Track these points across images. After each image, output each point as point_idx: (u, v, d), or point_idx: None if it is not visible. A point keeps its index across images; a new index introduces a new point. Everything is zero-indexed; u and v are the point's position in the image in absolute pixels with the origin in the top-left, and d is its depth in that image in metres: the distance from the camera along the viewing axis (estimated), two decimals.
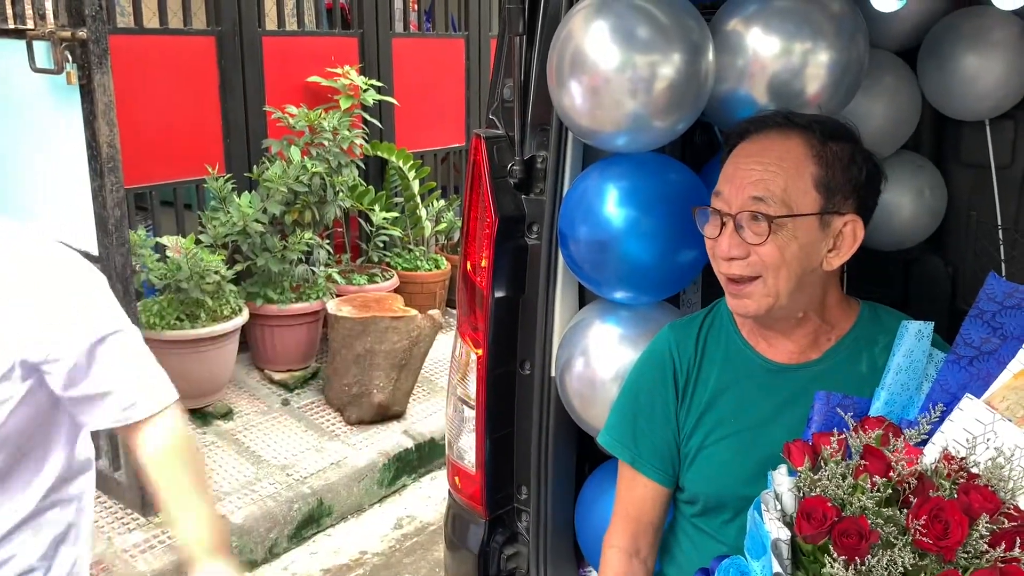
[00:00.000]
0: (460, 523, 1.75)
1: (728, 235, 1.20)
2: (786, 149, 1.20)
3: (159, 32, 3.66)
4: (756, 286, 1.20)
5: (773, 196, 1.17)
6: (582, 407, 1.55)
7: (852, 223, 1.22)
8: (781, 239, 1.17)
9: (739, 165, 1.22)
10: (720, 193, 1.22)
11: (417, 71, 4.88)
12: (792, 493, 1.01)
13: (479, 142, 1.61)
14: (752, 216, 1.18)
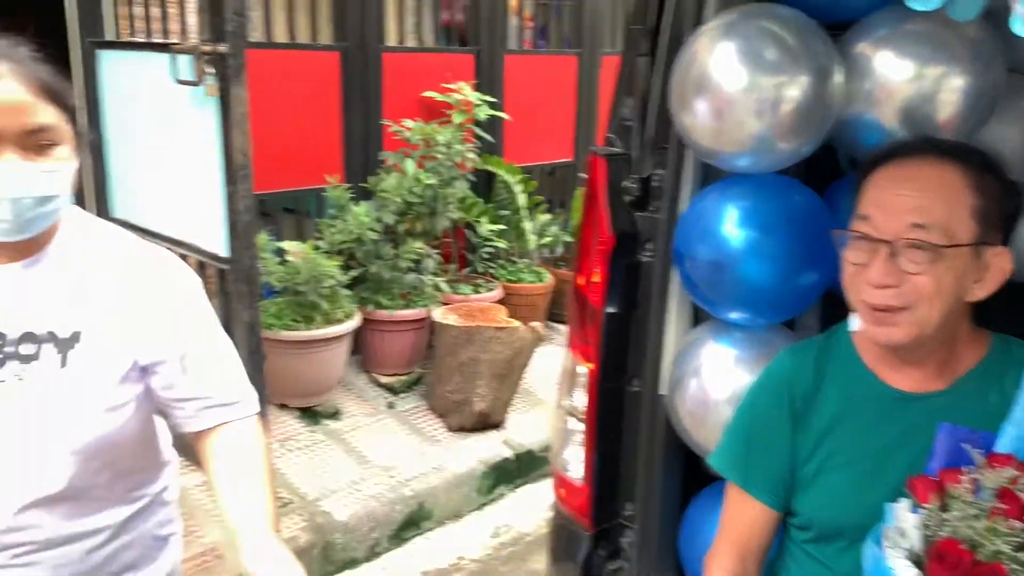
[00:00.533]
0: (564, 535, 1.77)
1: (881, 262, 1.16)
2: (942, 177, 1.17)
3: (288, 47, 3.85)
4: (905, 315, 1.17)
5: (935, 224, 1.14)
6: (693, 427, 1.55)
7: (1001, 255, 1.19)
8: (939, 269, 1.15)
9: (889, 190, 1.19)
10: (868, 218, 1.19)
11: (529, 87, 4.95)
12: (918, 531, 0.99)
13: (597, 160, 1.64)
14: (912, 244, 1.15)
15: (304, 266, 3.59)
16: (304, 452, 3.52)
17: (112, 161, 3.26)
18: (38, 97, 1.12)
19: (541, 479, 3.80)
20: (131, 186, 3.21)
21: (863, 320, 1.22)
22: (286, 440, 3.55)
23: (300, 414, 3.75)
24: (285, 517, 3.08)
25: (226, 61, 2.50)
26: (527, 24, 5.25)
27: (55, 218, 1.18)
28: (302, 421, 3.72)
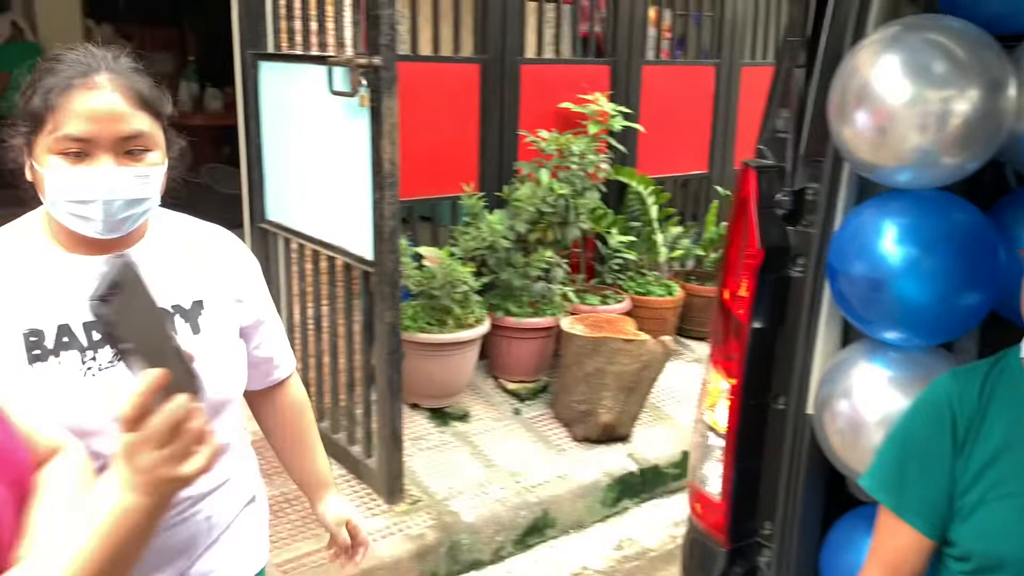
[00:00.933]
0: (699, 550, 1.75)
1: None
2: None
3: (432, 59, 3.97)
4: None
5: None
6: (841, 448, 1.51)
7: None
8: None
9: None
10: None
11: (665, 98, 4.92)
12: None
13: (748, 172, 1.62)
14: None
15: (439, 271, 3.69)
16: (433, 452, 3.61)
17: (268, 166, 3.46)
18: (133, 106, 1.20)
19: (667, 495, 3.76)
20: (284, 191, 3.39)
21: None
22: (417, 439, 3.66)
23: (430, 415, 3.85)
24: (414, 514, 3.17)
25: (379, 73, 2.61)
26: (665, 35, 5.23)
27: (144, 219, 1.29)
28: (432, 421, 3.82)
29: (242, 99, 3.52)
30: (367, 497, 3.24)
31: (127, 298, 0.75)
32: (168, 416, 0.80)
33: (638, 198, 4.74)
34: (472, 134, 4.15)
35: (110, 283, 0.75)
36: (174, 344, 0.81)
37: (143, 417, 0.80)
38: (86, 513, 0.87)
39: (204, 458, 0.83)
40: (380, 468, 3.14)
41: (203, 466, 0.83)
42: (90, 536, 0.85)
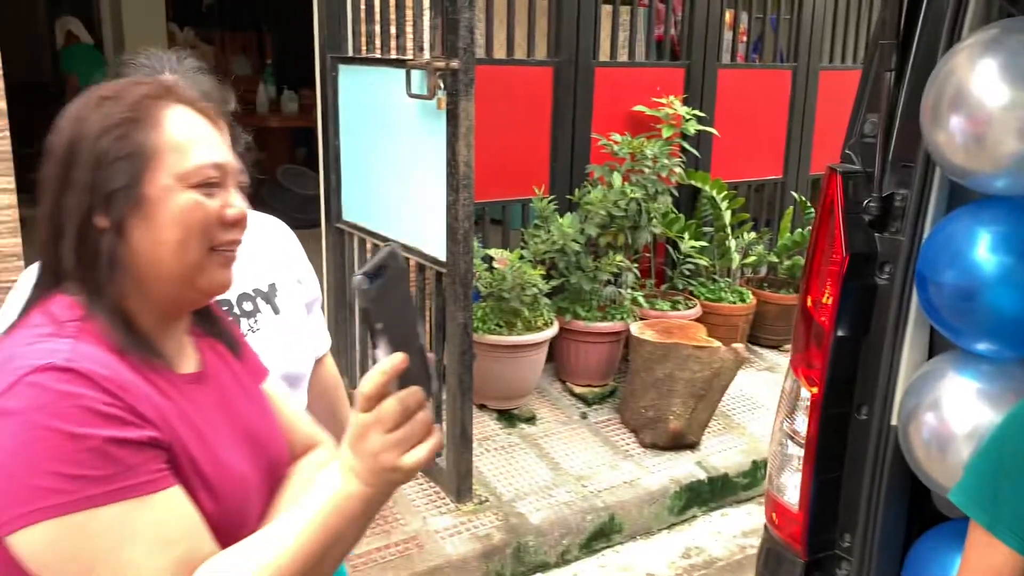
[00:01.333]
0: (775, 559, 1.72)
1: None
2: None
3: (506, 63, 3.99)
4: None
5: None
6: (927, 461, 1.47)
7: None
8: None
9: None
10: None
11: (739, 102, 4.86)
12: None
13: (834, 176, 1.59)
14: None
15: (509, 273, 3.71)
16: (500, 453, 3.63)
17: (345, 167, 3.53)
18: None
19: (736, 504, 3.70)
20: (360, 192, 3.46)
21: None
22: (484, 440, 3.68)
23: (497, 416, 3.87)
24: (481, 514, 3.19)
25: (457, 76, 2.64)
26: (741, 38, 5.16)
27: None
28: (499, 423, 3.84)
29: (321, 102, 3.60)
30: (435, 496, 3.27)
31: (389, 283, 0.78)
32: (402, 402, 0.81)
33: (711, 203, 4.69)
34: (544, 137, 4.16)
35: (378, 264, 0.78)
36: (419, 341, 0.83)
37: (380, 398, 0.81)
38: (305, 499, 0.88)
39: (426, 451, 0.83)
40: (449, 467, 3.16)
41: (424, 458, 0.83)
42: (308, 521, 0.86)
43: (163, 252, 0.92)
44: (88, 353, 0.85)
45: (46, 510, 0.79)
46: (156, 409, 0.88)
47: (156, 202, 0.91)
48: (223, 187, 0.96)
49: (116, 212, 0.90)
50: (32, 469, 0.79)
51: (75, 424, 0.80)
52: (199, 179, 0.93)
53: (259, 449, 1.03)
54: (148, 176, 0.91)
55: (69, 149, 0.91)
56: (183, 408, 0.93)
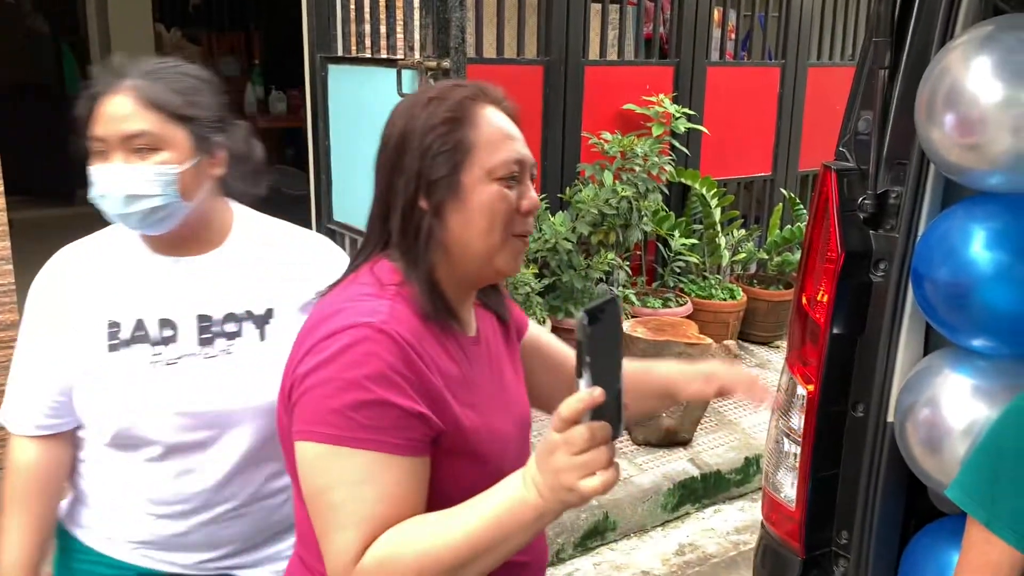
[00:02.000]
0: (772, 557, 1.72)
1: None
2: None
3: (495, 62, 3.99)
4: None
5: None
6: (923, 457, 1.47)
7: None
8: None
9: None
10: None
11: (728, 99, 4.87)
12: None
13: (829, 174, 1.59)
14: None
15: None
16: None
17: (335, 168, 3.51)
18: (142, 107, 1.27)
19: (729, 501, 3.71)
20: (351, 192, 3.44)
21: None
22: None
23: None
24: None
25: (448, 76, 2.63)
26: (729, 35, 5.17)
27: (176, 212, 1.32)
28: None
29: (310, 102, 3.58)
30: None
31: (606, 324, 0.87)
32: (591, 430, 0.87)
33: (701, 200, 4.69)
34: (535, 136, 4.16)
35: (600, 305, 0.87)
36: (619, 384, 0.90)
37: (573, 422, 0.87)
38: (485, 496, 0.96)
39: (601, 481, 0.87)
40: None
41: (599, 487, 0.87)
42: (480, 518, 0.94)
43: (472, 234, 1.06)
44: (401, 315, 1.02)
45: (322, 435, 0.97)
46: (442, 373, 1.03)
47: (469, 191, 1.05)
48: (521, 181, 1.09)
49: (436, 197, 1.05)
50: (329, 400, 0.97)
51: (369, 380, 0.96)
52: (504, 173, 1.05)
53: (514, 403, 1.19)
54: (465, 168, 1.05)
55: (401, 140, 1.06)
56: (465, 370, 1.09)
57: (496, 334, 1.23)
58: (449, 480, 1.04)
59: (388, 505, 0.97)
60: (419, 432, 1.00)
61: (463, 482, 1.02)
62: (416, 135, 1.05)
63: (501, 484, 0.96)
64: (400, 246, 1.08)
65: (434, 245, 1.06)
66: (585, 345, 0.85)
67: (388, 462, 0.97)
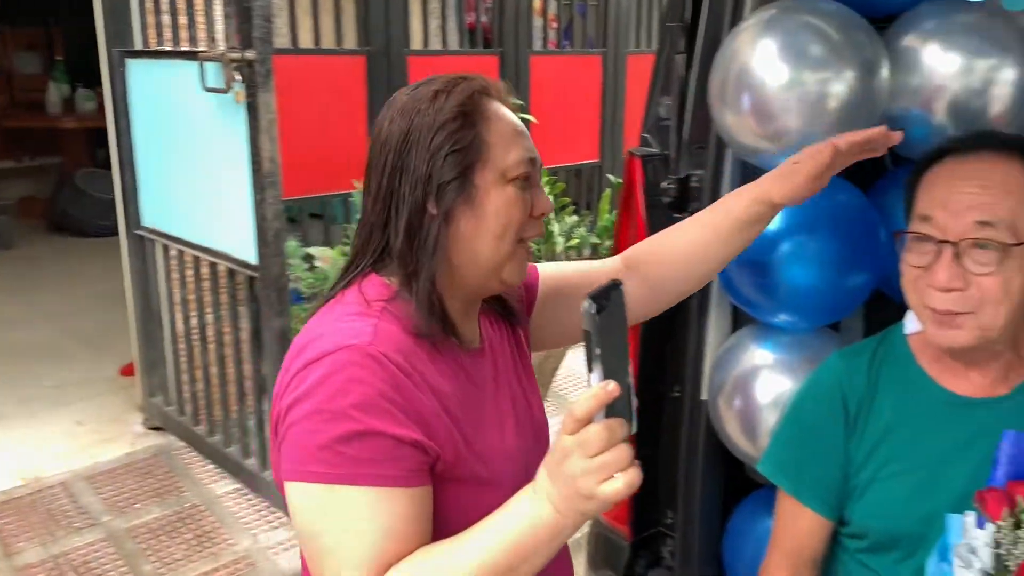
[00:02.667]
0: (603, 543, 1.73)
1: (946, 265, 1.11)
2: (1005, 172, 1.13)
3: (313, 52, 3.84)
4: (970, 318, 1.12)
5: (1002, 221, 1.10)
6: (736, 433, 1.51)
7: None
8: (1007, 269, 1.10)
9: (954, 188, 1.14)
10: (931, 218, 1.14)
11: (554, 88, 4.92)
12: (990, 548, 0.94)
13: (634, 160, 1.60)
14: (978, 244, 1.10)
15: (333, 272, 3.57)
16: None
17: (141, 170, 3.27)
18: None
19: None
20: (161, 195, 3.21)
21: (925, 323, 1.18)
22: None
23: None
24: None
25: (254, 68, 2.49)
26: (551, 24, 5.22)
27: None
28: None
29: (111, 99, 3.31)
30: (266, 510, 3.11)
31: (612, 313, 0.80)
32: (608, 428, 0.79)
33: None
34: (360, 129, 4.04)
35: (605, 290, 0.80)
36: (628, 378, 0.84)
37: (587, 421, 0.80)
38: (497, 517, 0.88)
39: (624, 482, 0.79)
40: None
41: (622, 489, 0.79)
42: (496, 542, 0.87)
43: (483, 241, 0.99)
44: (388, 335, 0.94)
45: (312, 474, 0.89)
46: (436, 393, 0.96)
47: (483, 194, 0.98)
48: (534, 183, 1.02)
49: (446, 201, 0.97)
50: (315, 434, 0.89)
51: (357, 409, 0.89)
52: (518, 173, 0.99)
53: (526, 414, 1.11)
54: (478, 170, 0.98)
55: (405, 139, 0.97)
56: (465, 387, 1.02)
57: (503, 339, 1.15)
58: (461, 508, 0.96)
59: (391, 541, 0.89)
60: (416, 461, 0.92)
61: (480, 508, 0.92)
62: (423, 132, 0.97)
63: (508, 504, 0.88)
64: (403, 256, 0.99)
65: (440, 253, 0.98)
66: (594, 336, 0.79)
67: (387, 496, 0.90)
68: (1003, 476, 1.10)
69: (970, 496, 1.11)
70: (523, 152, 1.00)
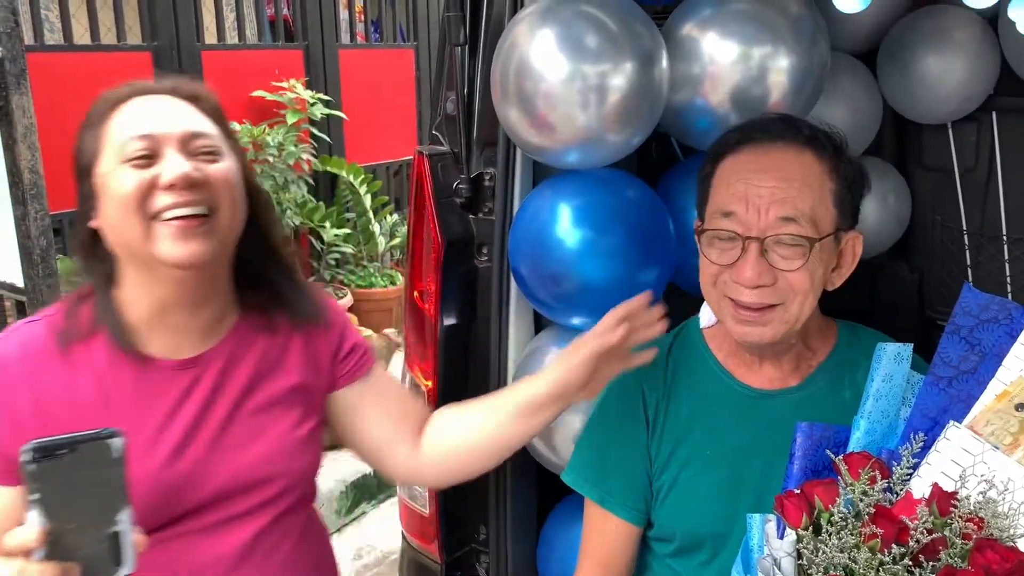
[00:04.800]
0: (415, 567, 1.63)
1: (753, 261, 1.08)
2: (804, 164, 1.10)
3: (90, 49, 3.50)
4: (776, 313, 1.10)
5: (804, 216, 1.07)
6: (540, 441, 1.45)
7: (854, 239, 1.15)
8: (812, 263, 1.08)
9: (751, 182, 1.10)
10: (733, 214, 1.10)
11: (366, 83, 4.76)
12: (792, 559, 0.91)
13: (421, 160, 1.50)
14: (784, 240, 1.08)
15: None
16: None
17: None
18: None
19: None
20: None
21: (726, 319, 1.14)
22: None
23: None
24: None
25: (3, 68, 2.20)
26: (359, 17, 5.05)
27: None
28: None
29: None
30: None
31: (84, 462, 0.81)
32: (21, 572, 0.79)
33: (350, 188, 4.56)
34: None
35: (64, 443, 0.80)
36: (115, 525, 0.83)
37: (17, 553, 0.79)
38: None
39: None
40: None
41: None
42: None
43: (115, 231, 1.00)
44: (26, 337, 1.02)
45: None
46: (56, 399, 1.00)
47: (102, 188, 1.00)
48: (158, 155, 0.99)
49: (88, 205, 1.01)
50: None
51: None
52: (132, 151, 0.98)
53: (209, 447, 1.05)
54: (97, 163, 1.00)
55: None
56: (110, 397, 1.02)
57: (269, 366, 1.11)
58: None
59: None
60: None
61: None
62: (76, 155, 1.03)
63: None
64: (85, 272, 1.04)
65: (107, 262, 1.03)
66: (30, 483, 0.78)
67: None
68: (799, 470, 1.09)
69: (770, 491, 1.10)
70: (136, 130, 0.99)
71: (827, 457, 1.03)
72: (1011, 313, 1.10)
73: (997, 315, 1.12)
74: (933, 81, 1.66)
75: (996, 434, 1.06)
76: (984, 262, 1.92)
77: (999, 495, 0.96)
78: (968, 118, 1.77)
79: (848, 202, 1.13)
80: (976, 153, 1.86)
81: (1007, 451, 1.02)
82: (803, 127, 1.14)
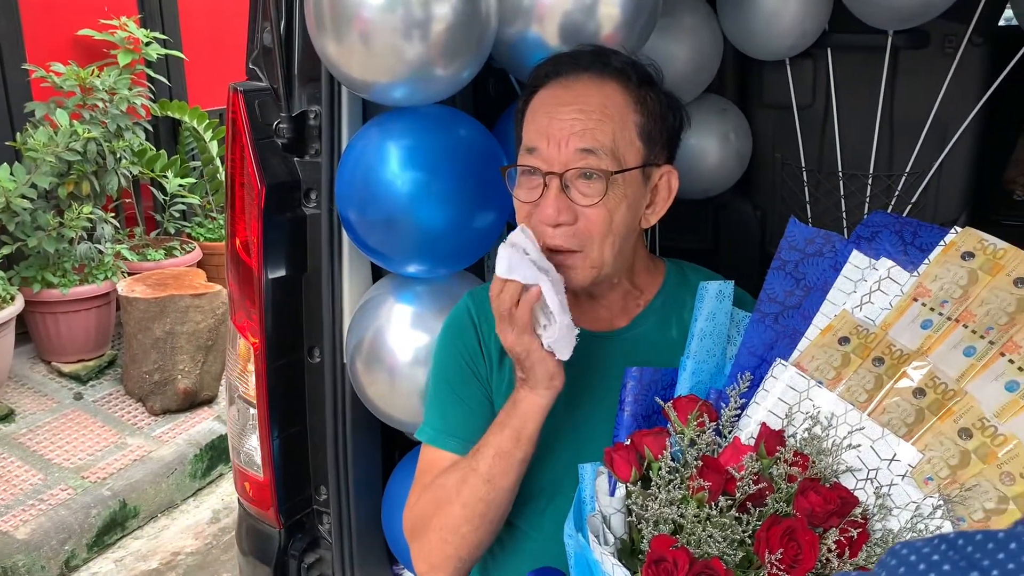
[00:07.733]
0: (253, 534, 1.55)
1: (553, 197, 1.03)
2: (605, 95, 1.05)
3: None
4: (579, 258, 1.05)
5: (603, 148, 1.02)
6: (378, 396, 1.38)
7: (668, 174, 1.11)
8: (612, 199, 1.04)
9: (554, 116, 1.05)
10: (535, 150, 1.05)
11: (207, 20, 4.45)
12: (622, 515, 0.88)
13: (236, 97, 1.38)
14: (583, 173, 1.03)
15: None
16: None
17: None
18: None
19: None
20: None
21: None
22: None
23: None
24: None
25: None
26: None
27: None
28: None
29: None
30: None
31: None
32: None
33: (194, 134, 4.28)
34: None
35: None
36: None
37: None
38: None
39: None
40: None
41: None
42: None
43: None
44: None
45: None
46: None
47: None
48: None
49: None
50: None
51: None
52: None
53: None
54: None
55: None
56: None
57: None
58: None
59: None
60: None
61: None
62: None
63: None
64: None
65: None
66: None
67: None
68: (630, 417, 1.06)
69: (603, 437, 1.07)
70: None
71: (658, 406, 1.01)
72: (835, 245, 1.10)
73: (822, 248, 1.12)
74: (770, 17, 1.65)
75: (821, 369, 1.06)
76: (822, 198, 1.96)
77: (823, 431, 0.96)
78: (805, 55, 1.78)
79: (658, 136, 1.09)
80: (813, 90, 1.89)
81: (830, 386, 1.02)
82: (613, 59, 1.10)
